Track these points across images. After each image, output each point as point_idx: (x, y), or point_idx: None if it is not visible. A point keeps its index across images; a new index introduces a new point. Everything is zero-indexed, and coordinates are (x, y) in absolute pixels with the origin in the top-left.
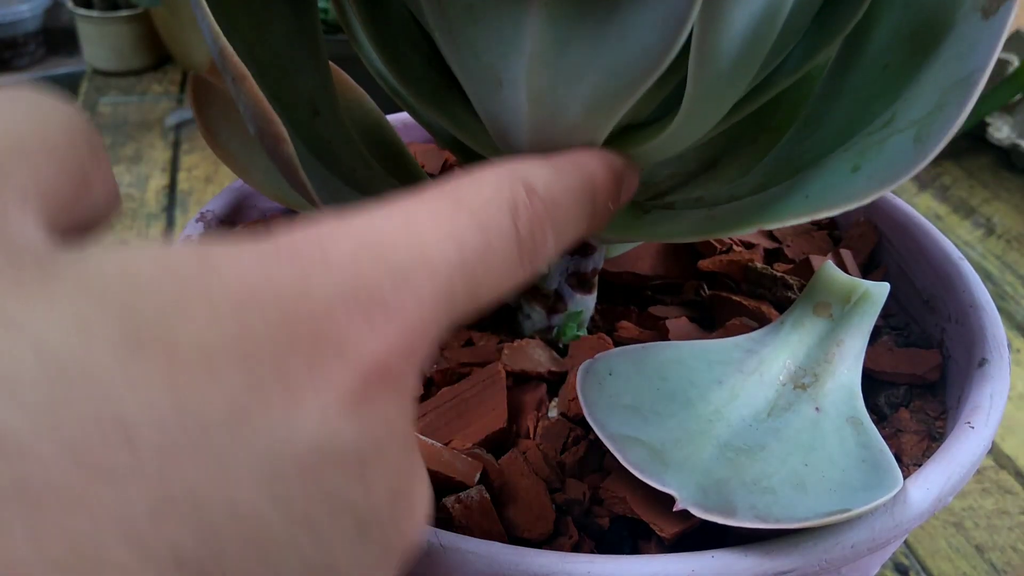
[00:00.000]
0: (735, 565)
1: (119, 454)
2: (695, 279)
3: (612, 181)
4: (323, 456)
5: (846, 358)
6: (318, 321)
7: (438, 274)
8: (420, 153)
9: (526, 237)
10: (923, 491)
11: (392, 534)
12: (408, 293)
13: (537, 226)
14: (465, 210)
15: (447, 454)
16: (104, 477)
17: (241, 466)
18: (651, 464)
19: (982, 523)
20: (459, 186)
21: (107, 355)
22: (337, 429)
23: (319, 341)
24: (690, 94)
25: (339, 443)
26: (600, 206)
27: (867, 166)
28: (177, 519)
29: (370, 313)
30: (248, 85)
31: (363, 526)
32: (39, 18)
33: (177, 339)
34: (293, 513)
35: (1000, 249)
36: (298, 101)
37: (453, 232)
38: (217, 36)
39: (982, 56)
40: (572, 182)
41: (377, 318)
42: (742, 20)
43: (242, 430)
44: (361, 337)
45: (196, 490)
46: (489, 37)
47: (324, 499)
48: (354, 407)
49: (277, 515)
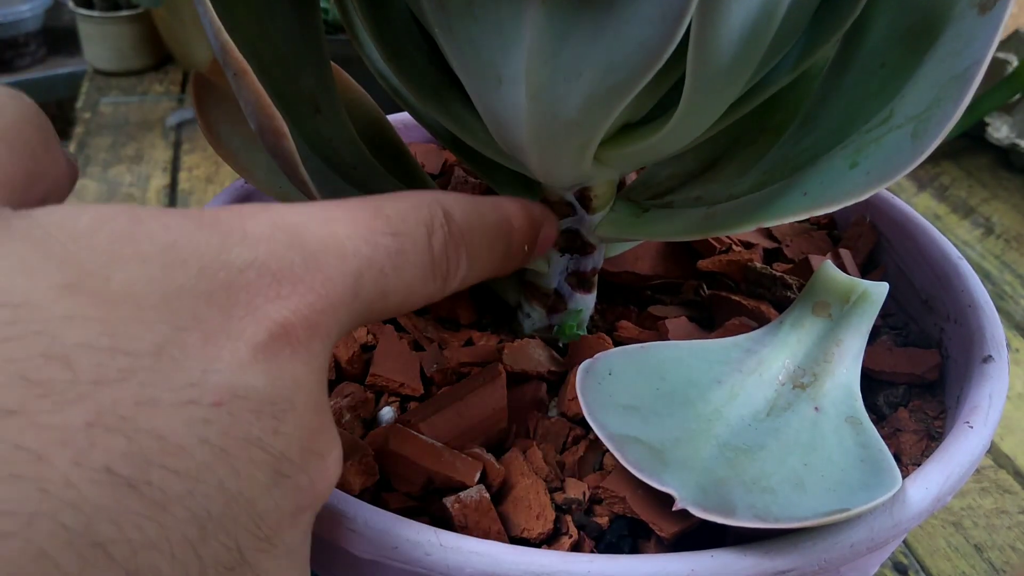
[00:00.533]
0: (734, 564)
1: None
2: (695, 279)
3: (528, 226)
4: (237, 397)
5: (845, 358)
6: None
7: (346, 263)
8: (420, 153)
9: (439, 253)
10: (922, 490)
11: (304, 485)
12: (316, 273)
13: (452, 247)
14: (382, 217)
15: (447, 454)
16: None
17: (165, 397)
18: (650, 463)
19: (981, 522)
20: (381, 198)
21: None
22: (249, 376)
23: (232, 298)
24: (688, 90)
25: (251, 389)
26: (515, 246)
27: (865, 162)
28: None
29: (279, 283)
30: (249, 79)
31: (276, 471)
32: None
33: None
34: (212, 445)
35: (999, 249)
36: (299, 99)
37: (366, 233)
38: (219, 31)
39: (979, 50)
40: (489, 218)
41: (284, 289)
42: (739, 15)
43: (166, 365)
44: (269, 301)
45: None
46: (488, 34)
47: (240, 437)
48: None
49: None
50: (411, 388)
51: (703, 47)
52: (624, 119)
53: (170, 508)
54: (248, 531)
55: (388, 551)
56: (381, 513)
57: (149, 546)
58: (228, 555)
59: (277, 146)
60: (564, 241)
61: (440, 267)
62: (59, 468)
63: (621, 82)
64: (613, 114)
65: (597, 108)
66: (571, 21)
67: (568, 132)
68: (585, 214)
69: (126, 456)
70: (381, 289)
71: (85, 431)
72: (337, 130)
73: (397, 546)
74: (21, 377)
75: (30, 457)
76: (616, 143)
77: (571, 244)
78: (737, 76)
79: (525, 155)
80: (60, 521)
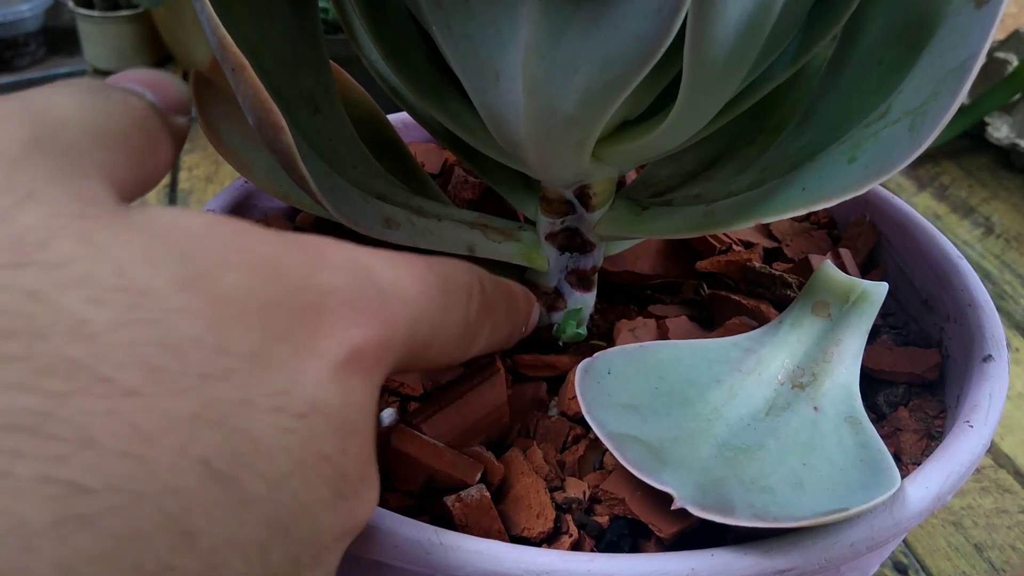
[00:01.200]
0: (734, 564)
1: (173, 363)
2: (694, 278)
3: (528, 307)
4: (318, 412)
5: (844, 357)
6: (319, 303)
7: (408, 308)
8: (420, 153)
9: (473, 319)
10: (922, 490)
11: (355, 510)
12: (385, 310)
13: (482, 314)
14: (436, 273)
15: (448, 453)
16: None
17: (259, 401)
18: (649, 463)
19: (981, 522)
20: (430, 258)
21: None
22: (329, 393)
23: (318, 319)
24: (685, 86)
25: (329, 406)
26: (518, 323)
27: (863, 156)
28: (210, 430)
29: (356, 312)
30: (247, 74)
31: (337, 491)
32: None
33: (219, 284)
34: (292, 455)
35: (999, 248)
36: (299, 98)
37: (423, 285)
38: (216, 27)
39: (975, 44)
40: (507, 294)
41: (360, 317)
42: (735, 10)
43: (261, 371)
44: (348, 327)
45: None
46: (485, 30)
47: (316, 451)
48: (339, 379)
49: (281, 451)
50: (411, 388)
51: (699, 42)
52: (622, 116)
53: (251, 509)
54: (305, 545)
55: (388, 550)
56: (382, 512)
57: (229, 543)
58: (286, 565)
59: (275, 141)
60: (564, 239)
61: (471, 331)
62: (166, 453)
63: (618, 77)
64: (610, 109)
65: (594, 103)
66: (567, 16)
67: (566, 128)
68: (584, 212)
69: (222, 451)
70: (427, 339)
71: (190, 422)
72: (336, 129)
73: (397, 545)
74: (141, 361)
75: (142, 438)
76: (614, 140)
77: (571, 242)
78: (734, 71)
79: (523, 152)
80: (160, 505)
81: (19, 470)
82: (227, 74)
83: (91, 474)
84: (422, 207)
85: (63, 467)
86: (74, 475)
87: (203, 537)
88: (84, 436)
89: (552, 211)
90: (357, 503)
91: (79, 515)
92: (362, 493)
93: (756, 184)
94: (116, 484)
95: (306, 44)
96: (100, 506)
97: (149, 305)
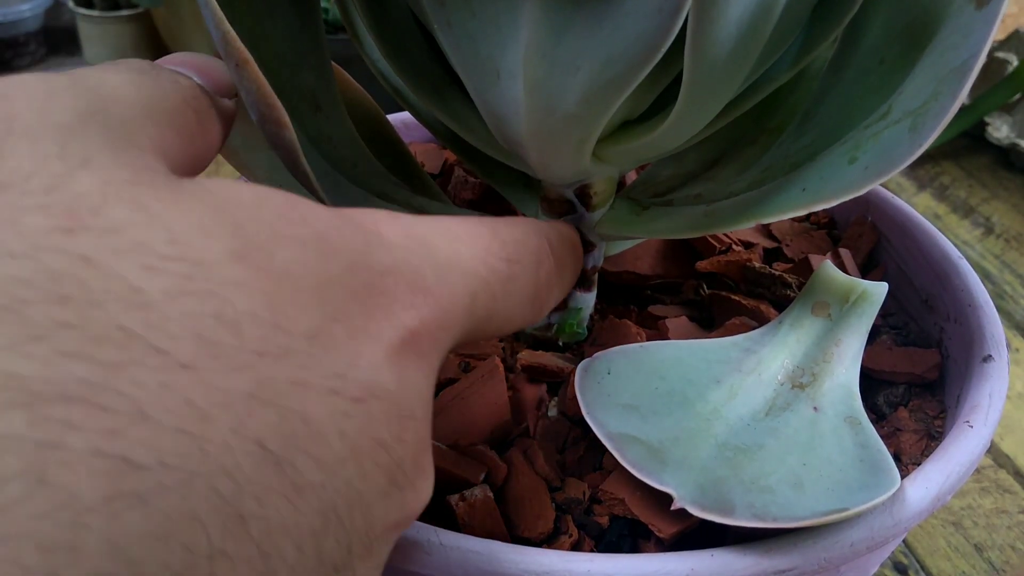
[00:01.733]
0: (734, 564)
1: (229, 338)
2: (694, 278)
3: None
4: (374, 397)
5: (844, 358)
6: (375, 283)
7: (467, 282)
8: (420, 153)
9: (543, 285)
10: (922, 490)
11: (408, 500)
12: (444, 286)
13: (553, 278)
14: (499, 241)
15: (451, 453)
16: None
17: (315, 382)
18: (649, 463)
19: (981, 522)
20: (496, 221)
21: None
22: (383, 376)
23: (373, 299)
24: (686, 86)
25: (386, 391)
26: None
27: (863, 157)
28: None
29: (412, 292)
30: (251, 69)
31: (391, 480)
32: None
33: (273, 258)
34: (347, 440)
35: (999, 248)
36: (300, 97)
37: (484, 255)
38: (220, 21)
39: (976, 43)
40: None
41: (417, 297)
42: (737, 10)
43: (317, 351)
44: (404, 308)
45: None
46: (486, 28)
47: (372, 437)
48: (395, 363)
49: (336, 436)
50: None
51: (700, 42)
52: (623, 115)
53: (305, 495)
54: (359, 535)
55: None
56: None
57: (282, 529)
58: (339, 554)
59: (278, 136)
60: None
61: (540, 297)
62: (220, 432)
63: (619, 76)
64: (611, 108)
65: (595, 102)
66: (568, 15)
67: (566, 127)
68: (585, 212)
69: (277, 433)
70: (489, 312)
71: (246, 400)
72: (337, 128)
73: (397, 545)
74: (196, 334)
75: (197, 415)
76: (615, 139)
77: None
78: (735, 71)
79: (524, 151)
80: (215, 486)
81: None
82: (230, 69)
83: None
84: (423, 207)
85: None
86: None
87: (256, 522)
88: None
89: (552, 211)
90: (411, 493)
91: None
92: (417, 483)
93: (757, 184)
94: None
95: (308, 43)
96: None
97: (204, 276)
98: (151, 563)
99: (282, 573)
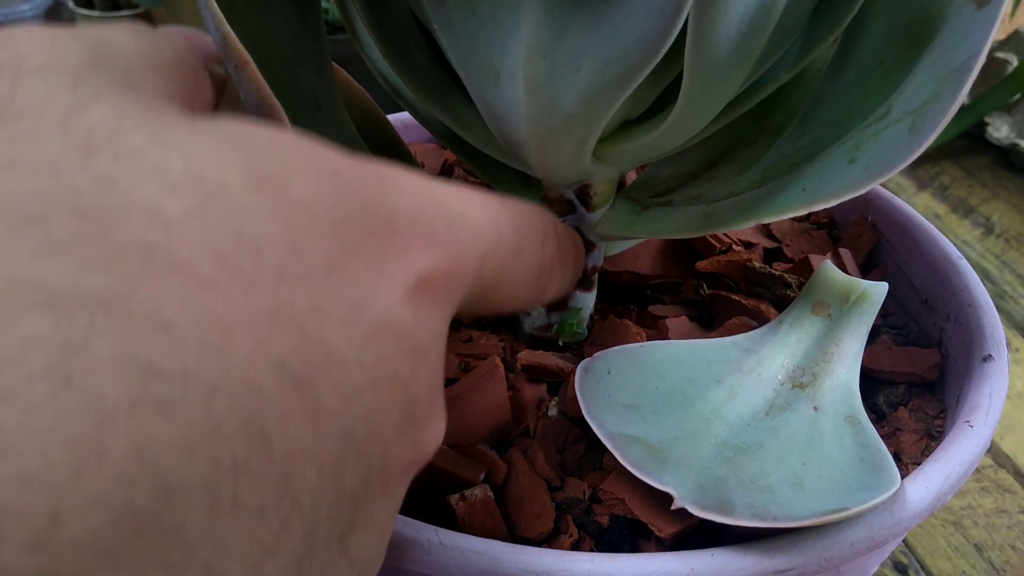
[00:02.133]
0: (734, 563)
1: (249, 260)
2: (694, 278)
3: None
4: (391, 330)
5: (844, 357)
6: (390, 224)
7: (477, 242)
8: (420, 153)
9: (547, 263)
10: (922, 490)
11: (421, 440)
12: (455, 239)
13: (557, 260)
14: (509, 212)
15: (451, 453)
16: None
17: (334, 310)
18: (649, 462)
19: (981, 522)
20: (506, 199)
21: (237, 183)
22: (399, 312)
23: (389, 239)
24: (686, 86)
25: (399, 324)
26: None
27: (863, 157)
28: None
29: (427, 237)
30: (250, 70)
31: (407, 416)
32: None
33: (289, 188)
34: (365, 371)
35: (999, 248)
36: (300, 96)
37: (496, 223)
38: (220, 22)
39: (976, 43)
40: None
41: (430, 244)
42: (737, 10)
43: (335, 281)
44: (418, 250)
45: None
46: (486, 28)
47: (388, 370)
48: (410, 302)
49: (355, 365)
50: None
51: (700, 41)
52: (623, 116)
53: (325, 420)
54: (376, 470)
55: (388, 550)
56: None
57: (303, 453)
58: (358, 486)
59: None
60: None
61: (544, 276)
62: (243, 348)
63: (619, 76)
64: (612, 109)
65: (595, 102)
66: (569, 15)
67: (567, 127)
68: (585, 212)
69: (298, 355)
70: (496, 279)
71: (267, 320)
72: (338, 128)
73: (397, 545)
74: (217, 253)
75: (219, 330)
76: (615, 140)
77: None
78: (735, 72)
79: (524, 151)
80: (239, 401)
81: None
82: (230, 70)
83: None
84: None
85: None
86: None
87: (279, 442)
88: (162, 320)
89: (552, 211)
90: (425, 432)
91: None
92: (430, 423)
93: (757, 184)
94: (194, 372)
95: (308, 42)
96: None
97: (222, 200)
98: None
99: (303, 498)
